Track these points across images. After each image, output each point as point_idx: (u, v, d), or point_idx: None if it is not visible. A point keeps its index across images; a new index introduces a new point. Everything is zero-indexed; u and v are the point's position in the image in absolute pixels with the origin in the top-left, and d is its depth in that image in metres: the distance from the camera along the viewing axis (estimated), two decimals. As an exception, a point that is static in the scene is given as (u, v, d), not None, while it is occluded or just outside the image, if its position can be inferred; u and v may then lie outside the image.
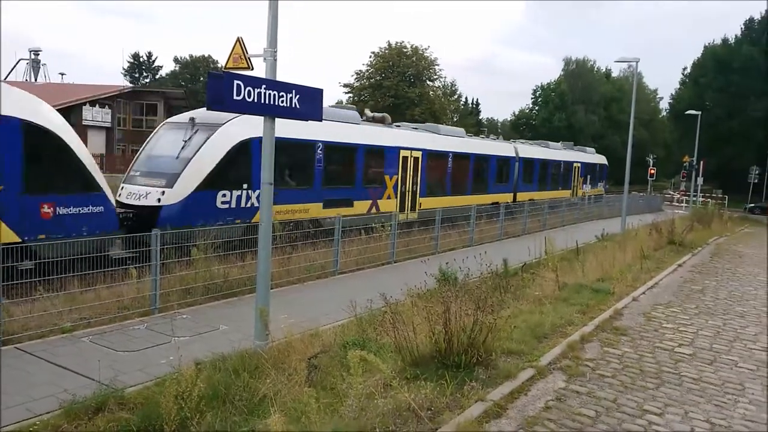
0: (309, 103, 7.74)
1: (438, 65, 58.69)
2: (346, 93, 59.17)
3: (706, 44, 62.39)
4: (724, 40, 59.71)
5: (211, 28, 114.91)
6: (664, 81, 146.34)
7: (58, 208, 10.64)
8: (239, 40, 7.68)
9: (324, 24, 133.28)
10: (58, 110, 11.88)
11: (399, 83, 55.17)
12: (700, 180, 40.26)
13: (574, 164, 35.05)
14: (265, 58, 7.27)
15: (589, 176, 37.27)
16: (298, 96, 7.49)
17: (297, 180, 15.96)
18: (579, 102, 70.76)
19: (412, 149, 20.17)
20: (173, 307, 9.77)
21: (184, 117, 15.01)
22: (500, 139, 31.89)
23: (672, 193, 52.77)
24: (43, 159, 10.54)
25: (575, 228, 24.51)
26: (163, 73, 76.63)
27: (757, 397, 6.97)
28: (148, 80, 77.77)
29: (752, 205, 46.41)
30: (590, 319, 9.67)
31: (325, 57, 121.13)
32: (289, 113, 7.50)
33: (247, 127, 13.52)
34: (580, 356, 7.87)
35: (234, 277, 11.00)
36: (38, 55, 50.15)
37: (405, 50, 56.91)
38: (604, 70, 78.39)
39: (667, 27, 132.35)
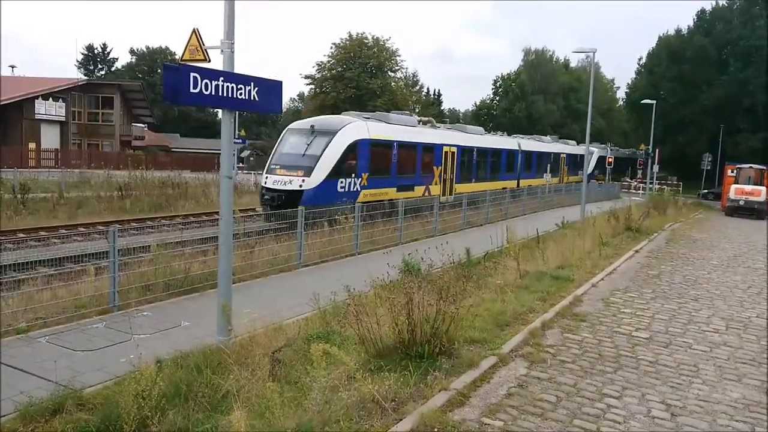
0: (268, 95, 7.65)
1: (399, 56, 58.76)
2: (307, 85, 58.74)
3: (660, 35, 63.81)
4: (677, 31, 61.12)
5: (167, 19, 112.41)
6: (621, 71, 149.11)
7: None
8: (195, 32, 7.51)
9: (285, 14, 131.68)
10: (10, 104, 11.64)
11: (361, 74, 54.97)
12: (655, 167, 41.24)
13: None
14: (222, 50, 7.16)
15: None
16: (256, 88, 7.39)
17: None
18: (538, 92, 71.66)
19: None
20: (133, 305, 9.59)
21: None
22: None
23: (629, 180, 53.94)
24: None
25: (536, 216, 24.89)
26: (118, 65, 74.85)
27: (710, 378, 7.21)
28: (103, 72, 75.81)
29: (705, 191, 47.86)
30: (551, 306, 9.85)
31: (286, 49, 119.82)
32: (248, 106, 7.41)
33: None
34: (541, 343, 8.01)
35: (195, 272, 10.84)
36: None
37: (366, 41, 56.71)
38: (562, 60, 79.58)
39: (625, 18, 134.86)
